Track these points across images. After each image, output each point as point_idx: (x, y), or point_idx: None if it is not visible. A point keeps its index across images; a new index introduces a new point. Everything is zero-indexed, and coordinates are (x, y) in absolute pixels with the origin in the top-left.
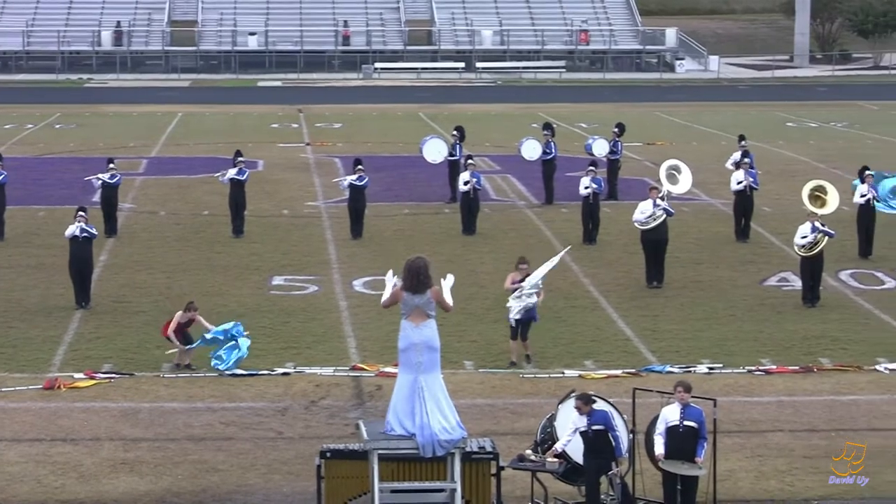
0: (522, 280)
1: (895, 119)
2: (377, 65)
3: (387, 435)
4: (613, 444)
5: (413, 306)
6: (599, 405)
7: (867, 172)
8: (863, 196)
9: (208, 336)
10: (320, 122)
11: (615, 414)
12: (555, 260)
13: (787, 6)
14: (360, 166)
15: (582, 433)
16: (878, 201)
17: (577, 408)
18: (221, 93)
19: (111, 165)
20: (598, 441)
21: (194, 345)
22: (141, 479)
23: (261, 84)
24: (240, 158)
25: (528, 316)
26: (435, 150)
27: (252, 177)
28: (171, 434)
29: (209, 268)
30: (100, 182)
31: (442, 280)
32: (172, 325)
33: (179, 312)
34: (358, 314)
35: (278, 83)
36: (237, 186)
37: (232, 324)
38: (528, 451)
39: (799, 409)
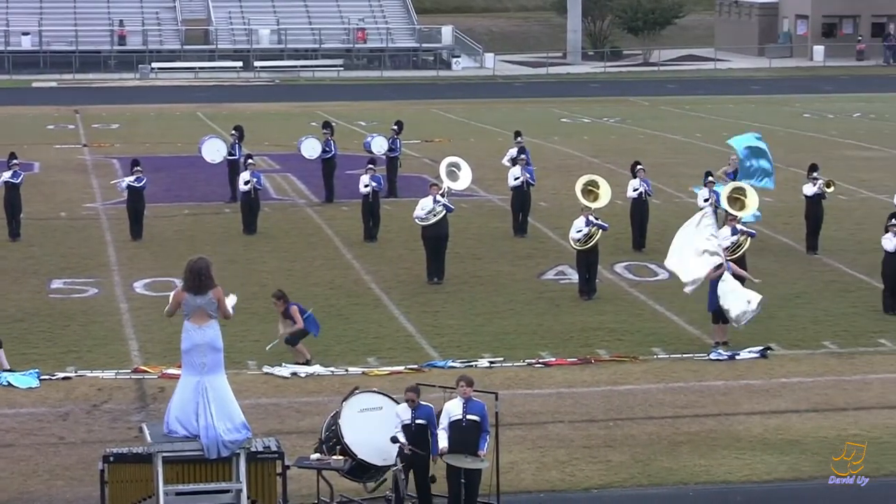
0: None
1: (665, 114)
2: (154, 64)
3: (171, 437)
4: (431, 441)
5: (195, 307)
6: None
7: (639, 167)
8: (635, 190)
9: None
10: (97, 122)
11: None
12: None
13: (559, 4)
14: (137, 167)
15: (405, 426)
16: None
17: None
18: None
19: None
20: (420, 435)
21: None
22: None
23: (35, 85)
24: (14, 161)
25: None
26: (214, 150)
27: (28, 179)
28: None
29: None
30: None
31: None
32: None
33: None
34: (140, 316)
35: (53, 84)
36: (12, 189)
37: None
38: (315, 455)
39: (578, 399)
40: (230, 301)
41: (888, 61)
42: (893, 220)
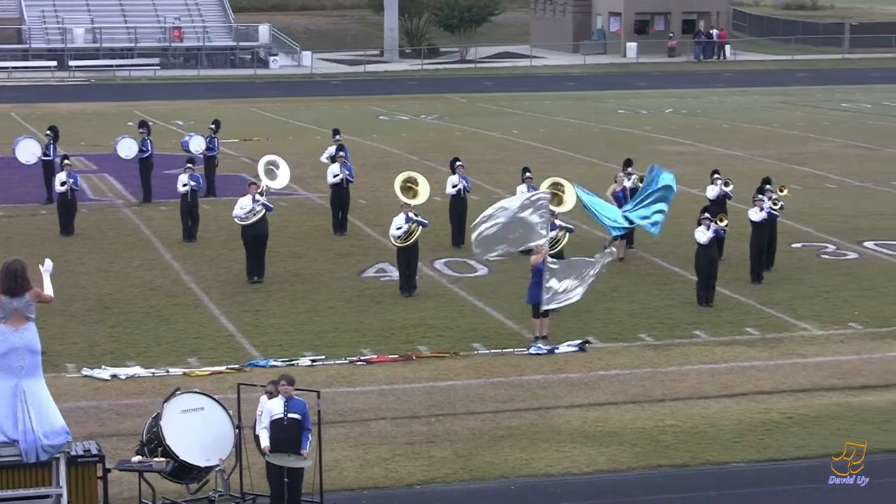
0: None
1: (482, 110)
2: None
3: None
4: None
5: (12, 310)
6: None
7: (458, 163)
8: (454, 186)
9: None
10: None
11: (223, 411)
12: None
13: (375, 2)
14: None
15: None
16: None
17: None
18: None
19: None
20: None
21: None
22: None
23: None
24: None
25: None
26: (28, 151)
27: None
28: None
29: None
30: None
31: (40, 266)
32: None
33: None
34: None
35: None
36: None
37: None
38: (137, 458)
39: (400, 396)
40: (46, 265)
41: (698, 57)
42: (706, 213)
